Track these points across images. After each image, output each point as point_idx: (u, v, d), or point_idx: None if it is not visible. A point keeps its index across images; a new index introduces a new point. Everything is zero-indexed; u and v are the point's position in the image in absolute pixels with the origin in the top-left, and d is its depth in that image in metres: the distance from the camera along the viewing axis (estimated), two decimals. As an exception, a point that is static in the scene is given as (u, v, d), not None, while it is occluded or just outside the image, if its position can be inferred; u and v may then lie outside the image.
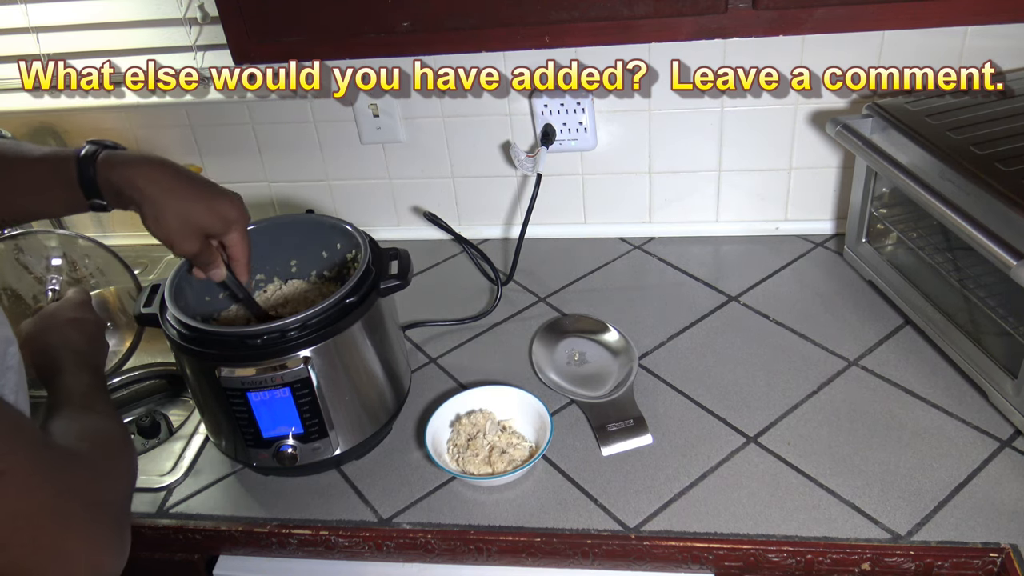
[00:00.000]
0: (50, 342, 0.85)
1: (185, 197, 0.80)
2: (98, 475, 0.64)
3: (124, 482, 0.69)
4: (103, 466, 0.66)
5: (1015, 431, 0.94)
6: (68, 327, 0.88)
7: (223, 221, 0.84)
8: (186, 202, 0.81)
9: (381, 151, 1.38)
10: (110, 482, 0.65)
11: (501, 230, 1.44)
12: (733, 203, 1.33)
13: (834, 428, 0.98)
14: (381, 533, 0.93)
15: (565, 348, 1.15)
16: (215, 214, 0.83)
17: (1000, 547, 0.82)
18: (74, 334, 0.87)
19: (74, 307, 0.92)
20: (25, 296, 1.12)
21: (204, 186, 0.83)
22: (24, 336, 0.88)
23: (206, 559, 1.01)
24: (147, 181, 0.79)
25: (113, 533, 0.62)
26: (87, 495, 0.60)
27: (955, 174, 0.93)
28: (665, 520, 0.89)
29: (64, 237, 1.15)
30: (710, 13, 0.90)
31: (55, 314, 0.90)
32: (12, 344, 0.66)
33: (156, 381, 1.30)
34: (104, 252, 1.11)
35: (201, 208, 0.82)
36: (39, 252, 1.13)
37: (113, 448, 0.71)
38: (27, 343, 0.86)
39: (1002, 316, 0.94)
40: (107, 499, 0.63)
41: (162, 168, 0.80)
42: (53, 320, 0.89)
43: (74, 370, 0.80)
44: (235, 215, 0.84)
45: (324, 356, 0.90)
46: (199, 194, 0.82)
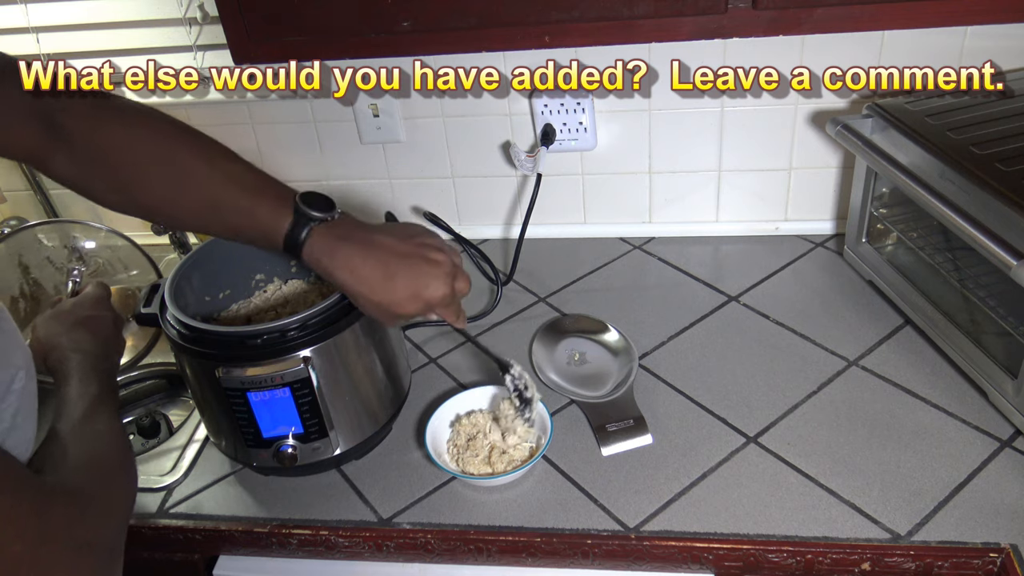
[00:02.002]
0: (61, 345, 0.84)
1: (387, 291, 0.77)
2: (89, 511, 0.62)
3: (118, 514, 0.67)
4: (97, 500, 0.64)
5: (1015, 431, 0.94)
6: (82, 328, 0.87)
7: (426, 307, 0.80)
8: (388, 297, 0.78)
9: (381, 151, 1.38)
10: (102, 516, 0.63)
11: (501, 230, 1.44)
12: (733, 203, 1.33)
13: (834, 428, 0.98)
14: (381, 533, 0.93)
15: (565, 348, 1.15)
16: (418, 303, 0.79)
17: (1000, 547, 0.82)
18: (87, 336, 0.86)
19: (92, 304, 0.92)
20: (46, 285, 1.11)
21: (408, 273, 0.78)
22: (37, 336, 0.87)
23: (206, 559, 1.01)
24: (348, 276, 0.77)
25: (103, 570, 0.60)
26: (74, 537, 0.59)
27: (955, 174, 0.93)
28: (665, 520, 0.89)
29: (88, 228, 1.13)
30: (710, 13, 0.90)
31: (71, 312, 0.89)
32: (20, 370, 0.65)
33: (156, 381, 1.30)
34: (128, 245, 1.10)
35: (403, 299, 0.78)
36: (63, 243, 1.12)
37: (111, 477, 0.69)
38: (40, 343, 0.86)
39: (1002, 316, 0.94)
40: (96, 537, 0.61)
41: (364, 259, 0.77)
42: (68, 319, 0.88)
43: (82, 378, 0.79)
44: (439, 298, 0.79)
45: (324, 356, 0.90)
46: (402, 285, 0.78)
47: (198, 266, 1.02)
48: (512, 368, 0.98)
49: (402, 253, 0.79)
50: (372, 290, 0.77)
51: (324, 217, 0.78)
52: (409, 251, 0.79)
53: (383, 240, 0.79)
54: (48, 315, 0.90)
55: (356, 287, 0.78)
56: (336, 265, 0.77)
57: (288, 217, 0.77)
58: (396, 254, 0.78)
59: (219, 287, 1.06)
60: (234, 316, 1.07)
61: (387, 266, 0.78)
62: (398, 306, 0.78)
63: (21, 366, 0.65)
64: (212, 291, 1.05)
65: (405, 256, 0.79)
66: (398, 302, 0.78)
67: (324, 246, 0.77)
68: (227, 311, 1.07)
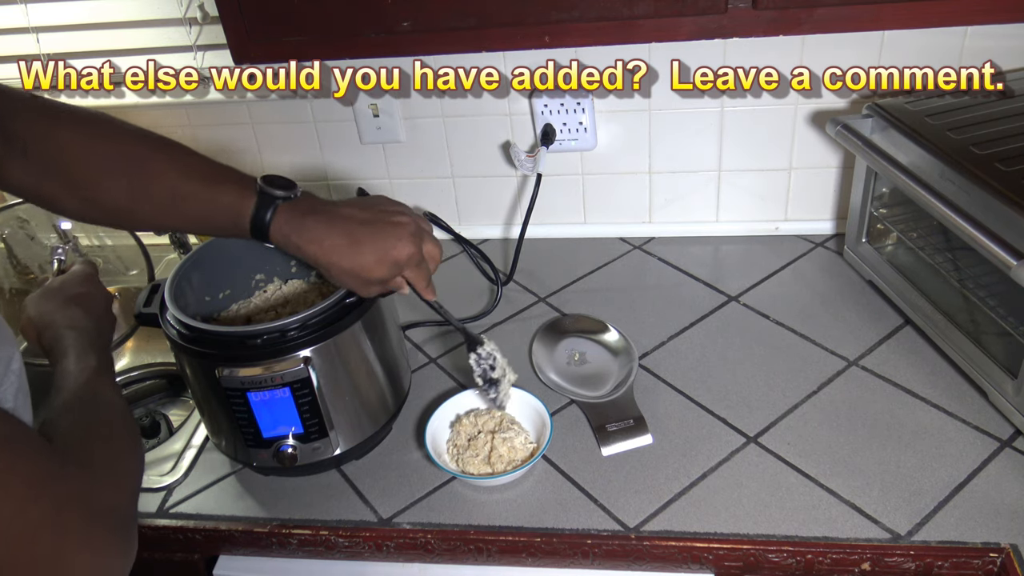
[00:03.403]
0: (56, 323, 0.83)
1: (355, 255, 0.81)
2: (102, 478, 0.63)
3: (130, 481, 0.68)
4: (109, 468, 0.65)
5: (1015, 431, 0.94)
6: (74, 304, 0.86)
7: (395, 267, 0.83)
8: (357, 261, 0.81)
9: (381, 151, 1.38)
10: (114, 484, 0.64)
11: (501, 230, 1.44)
12: (733, 203, 1.33)
13: (834, 428, 0.98)
14: (381, 533, 0.93)
15: (565, 348, 1.15)
16: (386, 264, 0.82)
17: (1000, 547, 0.82)
18: (79, 312, 0.85)
19: (80, 281, 0.91)
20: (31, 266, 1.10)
21: (373, 236, 0.82)
22: (29, 315, 0.86)
23: (206, 559, 1.01)
24: (317, 248, 0.80)
25: (117, 538, 0.60)
26: (89, 503, 0.59)
27: (955, 174, 0.93)
28: (665, 520, 0.89)
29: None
30: (710, 13, 0.90)
31: (61, 289, 0.89)
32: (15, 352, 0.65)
33: (156, 381, 1.30)
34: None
35: (371, 262, 0.81)
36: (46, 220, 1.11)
37: (119, 445, 0.70)
38: (32, 323, 0.85)
39: (1002, 316, 0.94)
40: (111, 503, 0.61)
41: (329, 229, 0.81)
42: (58, 297, 0.87)
43: (80, 353, 0.78)
44: (406, 257, 0.83)
45: (324, 356, 0.90)
46: (369, 248, 0.81)
47: (198, 266, 1.02)
48: (482, 346, 0.97)
49: (365, 220, 0.82)
50: (341, 257, 0.81)
51: (287, 196, 0.81)
52: (372, 217, 0.83)
53: (346, 211, 0.83)
54: (38, 294, 0.89)
55: (326, 258, 0.81)
56: (304, 239, 0.80)
57: (252, 199, 0.80)
58: (359, 221, 0.82)
59: (219, 287, 1.06)
60: (234, 316, 1.07)
61: (352, 233, 0.81)
62: (368, 270, 0.82)
63: (16, 346, 0.65)
64: (212, 291, 1.05)
65: (369, 222, 0.82)
66: (367, 266, 0.81)
67: (290, 223, 0.80)
68: (227, 311, 1.07)
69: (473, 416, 1.01)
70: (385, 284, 0.85)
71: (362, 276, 0.82)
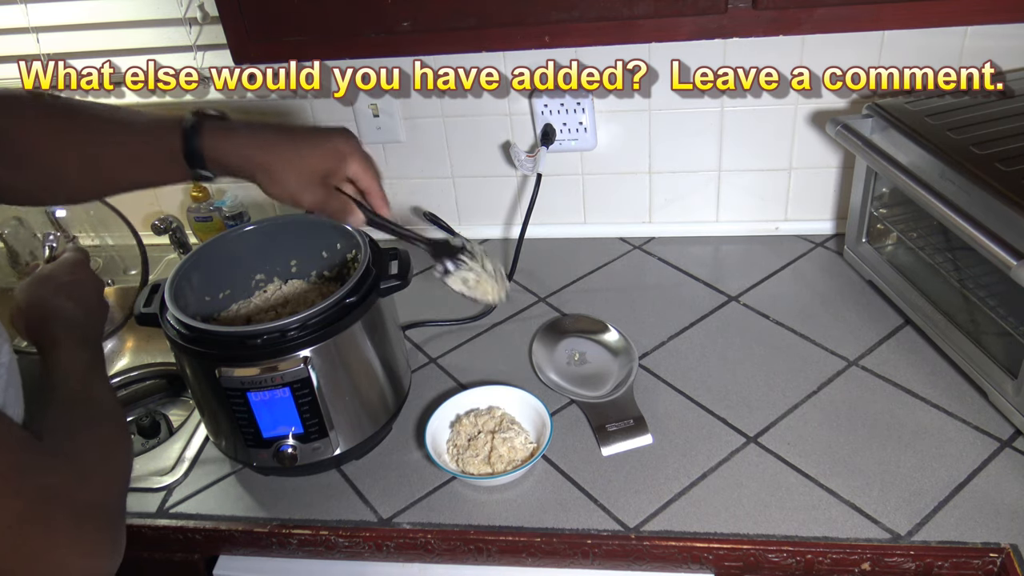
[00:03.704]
0: (46, 313, 0.81)
1: (293, 151, 0.80)
2: (89, 475, 0.62)
3: (119, 479, 0.68)
4: (96, 464, 0.64)
5: (1015, 431, 0.94)
6: (64, 294, 0.84)
7: (337, 156, 0.82)
8: (296, 155, 0.80)
9: (381, 151, 1.38)
10: (102, 481, 0.63)
11: (501, 230, 1.44)
12: (733, 203, 1.33)
13: (834, 428, 0.98)
14: (381, 533, 0.93)
15: (565, 348, 1.15)
16: (327, 153, 0.81)
17: (1000, 547, 0.82)
18: (70, 302, 0.83)
19: (71, 268, 0.89)
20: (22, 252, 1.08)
21: (308, 133, 0.83)
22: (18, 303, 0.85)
23: (206, 559, 1.01)
24: (253, 149, 0.79)
25: (103, 535, 0.60)
26: (74, 498, 0.59)
27: (955, 174, 0.93)
28: (665, 520, 0.89)
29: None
30: (710, 13, 0.90)
31: (51, 277, 0.87)
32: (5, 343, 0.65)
33: (156, 381, 1.30)
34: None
35: (312, 154, 0.80)
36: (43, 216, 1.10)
37: (109, 442, 0.69)
38: (21, 312, 0.83)
39: (1002, 316, 0.94)
40: (98, 499, 0.61)
41: (263, 132, 0.81)
42: (49, 285, 0.85)
43: (71, 345, 0.77)
44: (347, 146, 0.82)
45: (324, 356, 0.90)
46: (305, 141, 0.81)
47: (198, 266, 1.02)
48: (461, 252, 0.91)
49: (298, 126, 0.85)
50: (285, 157, 0.79)
51: (215, 115, 0.81)
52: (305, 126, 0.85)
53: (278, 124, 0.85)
54: (28, 282, 0.87)
55: (270, 158, 0.79)
56: (237, 143, 0.79)
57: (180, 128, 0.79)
58: (295, 127, 0.83)
59: (219, 287, 1.06)
60: (234, 316, 1.07)
61: (292, 134, 0.81)
62: (315, 163, 0.80)
63: (5, 339, 0.65)
64: (212, 291, 1.05)
65: (303, 127, 0.84)
66: (312, 159, 0.80)
67: (225, 137, 0.79)
68: (227, 311, 1.07)
69: (473, 416, 1.01)
70: (329, 184, 0.82)
71: (304, 171, 0.80)
